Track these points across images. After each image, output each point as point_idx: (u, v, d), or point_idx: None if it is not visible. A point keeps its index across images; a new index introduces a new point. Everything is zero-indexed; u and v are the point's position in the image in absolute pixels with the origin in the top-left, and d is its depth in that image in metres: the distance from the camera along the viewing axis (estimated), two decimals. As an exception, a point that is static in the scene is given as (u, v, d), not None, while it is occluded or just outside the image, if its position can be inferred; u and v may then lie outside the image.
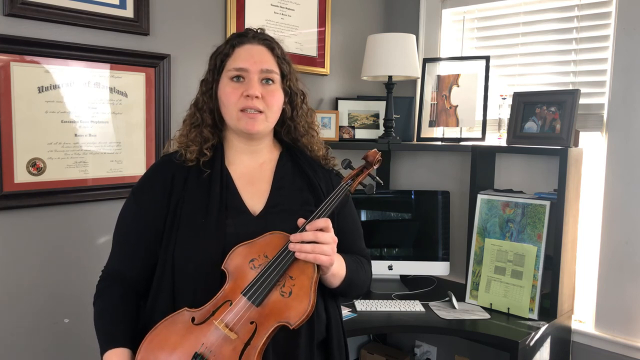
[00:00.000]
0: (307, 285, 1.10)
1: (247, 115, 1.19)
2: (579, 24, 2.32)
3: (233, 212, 1.19)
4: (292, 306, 1.09)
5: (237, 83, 1.21)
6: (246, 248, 1.14)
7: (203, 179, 1.21)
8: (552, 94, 2.27)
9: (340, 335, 1.30)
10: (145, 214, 1.21)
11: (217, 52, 1.25)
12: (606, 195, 2.19)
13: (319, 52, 2.61)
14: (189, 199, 1.19)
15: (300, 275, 1.12)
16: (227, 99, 1.21)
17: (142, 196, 1.24)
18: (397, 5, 2.90)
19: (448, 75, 2.62)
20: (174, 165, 1.23)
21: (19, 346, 1.75)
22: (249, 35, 1.25)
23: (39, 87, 1.73)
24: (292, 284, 1.11)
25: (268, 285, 1.10)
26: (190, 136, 1.23)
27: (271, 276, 1.11)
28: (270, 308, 1.10)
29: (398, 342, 2.88)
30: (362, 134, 2.69)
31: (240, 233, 1.16)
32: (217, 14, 2.21)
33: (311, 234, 1.12)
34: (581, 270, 2.29)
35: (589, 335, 2.24)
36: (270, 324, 1.09)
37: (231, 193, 1.22)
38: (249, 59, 1.21)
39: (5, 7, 1.65)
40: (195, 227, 1.17)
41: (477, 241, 2.30)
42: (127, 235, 1.24)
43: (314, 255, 1.11)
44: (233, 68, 1.21)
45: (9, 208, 1.69)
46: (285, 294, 1.10)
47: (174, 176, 1.22)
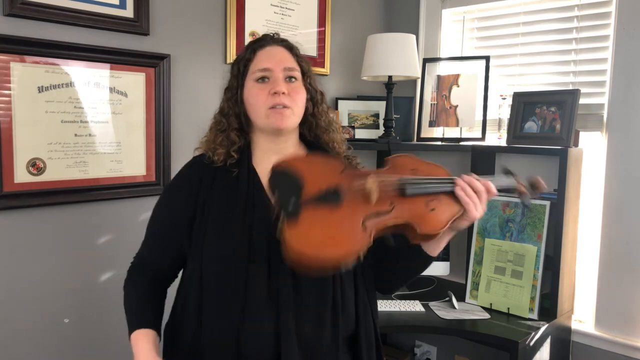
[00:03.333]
0: (446, 216, 1.14)
1: (275, 111, 1.23)
2: (579, 24, 2.32)
3: (260, 209, 1.22)
4: (428, 218, 1.12)
5: (263, 84, 1.24)
6: (414, 161, 1.24)
7: (231, 178, 1.24)
8: (552, 94, 2.27)
9: (370, 333, 1.28)
10: (173, 211, 1.27)
11: (239, 59, 1.30)
12: (606, 195, 2.19)
13: (319, 52, 2.61)
14: (216, 197, 1.23)
15: (446, 206, 1.15)
16: (255, 99, 1.24)
17: (172, 194, 1.31)
18: (397, 5, 2.90)
19: (448, 75, 2.62)
20: (203, 165, 1.27)
21: (19, 346, 1.75)
22: (268, 39, 1.31)
23: (39, 87, 1.73)
24: (437, 205, 1.15)
25: (422, 189, 1.15)
26: (217, 140, 1.27)
27: (428, 186, 1.16)
28: (412, 206, 1.13)
29: (398, 342, 2.88)
30: (362, 134, 2.69)
31: (267, 230, 1.17)
32: (217, 14, 2.21)
33: (482, 186, 1.17)
34: (581, 270, 2.29)
35: (589, 335, 2.24)
36: (404, 216, 1.11)
37: (258, 191, 1.24)
38: (271, 59, 1.26)
39: (5, 7, 1.65)
40: (222, 222, 1.20)
41: (477, 241, 2.30)
42: (156, 230, 1.31)
43: (471, 201, 1.15)
44: (257, 70, 1.25)
45: (9, 208, 1.69)
46: (428, 206, 1.14)
47: (202, 176, 1.25)
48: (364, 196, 1.11)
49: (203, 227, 1.21)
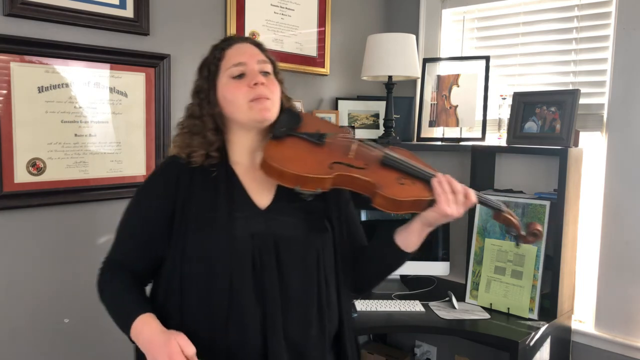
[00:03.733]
0: (412, 193, 1.21)
1: (257, 102, 1.22)
2: (579, 24, 2.32)
3: (241, 207, 1.22)
4: (394, 187, 1.21)
5: (239, 80, 1.23)
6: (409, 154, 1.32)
7: (209, 178, 1.22)
8: (552, 94, 2.27)
9: (352, 331, 1.32)
10: (151, 211, 1.24)
11: (207, 62, 1.27)
12: (606, 195, 2.19)
13: (319, 52, 2.61)
14: (196, 197, 1.21)
15: (417, 188, 1.22)
16: (234, 94, 1.22)
17: (148, 194, 1.27)
18: (397, 5, 2.90)
19: (448, 75, 2.62)
20: (180, 165, 1.25)
21: (18, 346, 1.75)
22: (234, 38, 1.31)
23: (39, 87, 1.73)
24: (408, 184, 1.23)
25: (398, 165, 1.25)
26: (195, 143, 1.24)
27: (407, 166, 1.25)
28: (384, 173, 1.23)
29: (398, 342, 2.88)
30: (362, 134, 2.69)
31: (249, 226, 1.19)
32: (217, 14, 2.21)
33: (461, 188, 1.22)
34: (581, 270, 2.29)
35: (589, 335, 2.24)
36: (372, 177, 1.20)
37: (238, 189, 1.24)
38: (244, 53, 1.25)
39: (5, 7, 1.65)
40: (204, 222, 1.19)
41: (477, 241, 2.30)
42: (132, 231, 1.26)
43: (444, 195, 1.19)
44: (232, 65, 1.23)
45: (9, 208, 1.69)
46: (399, 180, 1.23)
47: (180, 176, 1.23)
48: (344, 149, 1.27)
49: (183, 227, 1.19)
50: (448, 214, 1.20)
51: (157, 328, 1.13)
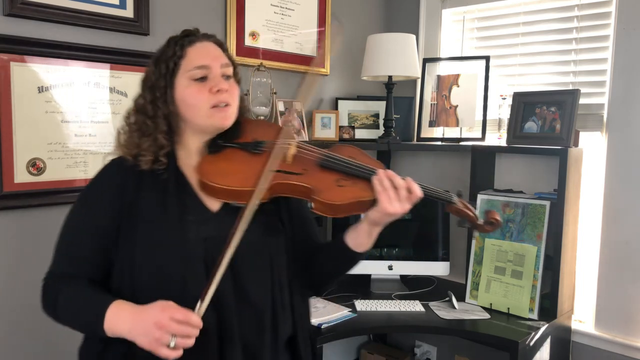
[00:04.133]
0: (351, 195, 1.17)
1: (218, 110, 1.18)
2: (579, 24, 2.32)
3: (192, 210, 1.19)
4: (331, 190, 1.18)
5: (201, 82, 1.18)
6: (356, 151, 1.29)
7: (157, 181, 1.18)
8: (552, 94, 2.26)
9: (306, 333, 1.31)
10: (99, 217, 1.17)
11: (166, 56, 1.19)
12: (606, 195, 2.19)
13: (319, 52, 2.61)
14: (144, 201, 1.16)
15: (357, 189, 1.19)
16: (195, 99, 1.17)
17: (92, 199, 1.21)
18: (397, 5, 2.90)
19: (448, 75, 2.62)
20: (126, 167, 1.19)
21: (18, 346, 1.75)
22: (198, 35, 1.24)
23: (39, 87, 1.73)
24: (348, 185, 1.20)
25: (338, 166, 1.22)
26: (144, 145, 1.17)
27: (347, 165, 1.22)
28: (322, 176, 1.21)
29: (398, 342, 2.88)
30: (362, 134, 2.69)
31: (201, 230, 1.16)
32: (217, 14, 2.21)
33: (403, 183, 1.17)
34: (581, 270, 2.29)
35: (589, 335, 2.24)
36: (310, 182, 1.18)
37: (188, 192, 1.21)
38: (207, 55, 1.20)
39: (5, 7, 1.65)
40: (153, 225, 1.14)
41: (477, 241, 2.30)
42: (79, 239, 1.19)
43: (385, 193, 1.16)
44: (194, 67, 1.18)
45: (9, 208, 1.69)
46: (338, 182, 1.20)
47: (125, 179, 1.18)
48: (282, 155, 1.22)
49: (132, 232, 1.14)
50: (391, 212, 1.16)
51: (134, 307, 1.09)
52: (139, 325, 1.06)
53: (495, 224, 1.27)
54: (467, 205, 1.27)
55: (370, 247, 1.25)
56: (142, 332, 1.06)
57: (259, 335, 1.18)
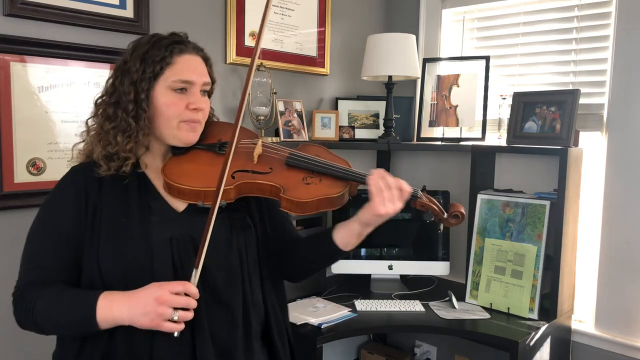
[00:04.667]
0: (319, 192, 1.18)
1: (187, 125, 1.19)
2: (579, 24, 2.32)
3: (156, 211, 1.18)
4: (298, 189, 1.19)
5: (180, 94, 1.18)
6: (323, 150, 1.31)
7: (119, 184, 1.17)
8: (552, 94, 2.26)
9: (281, 326, 1.31)
10: (59, 223, 1.16)
11: (154, 57, 1.16)
12: (606, 195, 2.19)
13: (319, 52, 2.61)
14: (106, 205, 1.15)
15: (324, 185, 1.21)
16: (169, 109, 1.17)
17: (55, 206, 1.19)
18: (397, 5, 2.90)
19: (448, 75, 2.62)
20: (87, 174, 1.17)
21: (17, 346, 1.75)
22: (189, 46, 1.22)
23: (39, 87, 1.73)
24: (315, 182, 1.21)
25: (304, 164, 1.23)
26: (126, 147, 1.15)
27: (312, 163, 1.23)
28: (289, 174, 1.22)
29: (398, 342, 2.88)
30: (362, 133, 2.69)
31: (166, 230, 1.16)
32: (217, 14, 2.21)
33: (395, 182, 1.17)
34: (581, 270, 2.29)
35: (589, 335, 2.24)
36: (276, 180, 1.20)
37: (151, 193, 1.20)
38: (194, 71, 1.19)
39: (5, 7, 1.65)
40: (118, 229, 1.13)
41: (477, 241, 2.30)
42: (45, 247, 1.16)
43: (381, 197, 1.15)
44: (178, 80, 1.17)
45: (9, 208, 1.69)
46: (305, 180, 1.22)
47: (87, 184, 1.17)
48: (247, 155, 1.25)
49: (95, 237, 1.13)
50: (383, 213, 1.15)
51: (127, 292, 1.07)
52: (137, 305, 1.06)
53: (460, 218, 1.27)
54: (431, 199, 1.28)
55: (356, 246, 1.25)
56: (142, 311, 1.05)
57: (230, 331, 1.18)
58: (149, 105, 1.17)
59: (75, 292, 1.13)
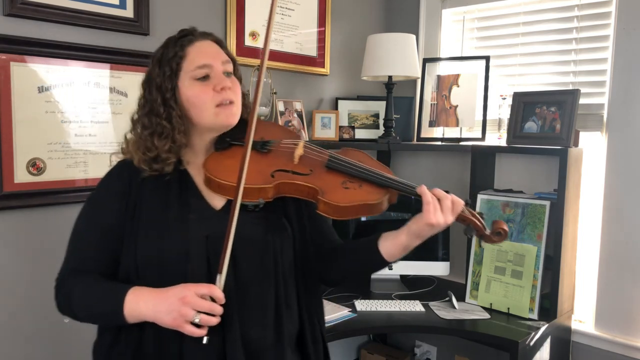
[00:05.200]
0: (356, 197, 1.16)
1: (223, 108, 1.19)
2: (579, 24, 2.32)
3: (194, 208, 1.19)
4: (336, 192, 1.17)
5: (204, 81, 1.19)
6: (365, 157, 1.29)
7: (161, 181, 1.19)
8: (552, 94, 2.26)
9: (316, 332, 1.29)
10: (101, 217, 1.19)
11: (168, 56, 1.19)
12: (606, 195, 2.19)
13: (319, 52, 2.61)
14: (147, 200, 1.18)
15: (363, 191, 1.18)
16: (199, 99, 1.18)
17: (98, 200, 1.23)
18: (397, 5, 2.90)
19: (448, 75, 2.62)
20: (130, 169, 1.20)
21: (18, 346, 1.75)
22: (196, 33, 1.23)
23: (39, 87, 1.73)
24: (354, 187, 1.19)
25: (345, 168, 1.22)
26: (163, 147, 1.17)
27: (353, 167, 1.21)
28: (328, 177, 1.20)
29: (398, 342, 2.88)
30: (362, 134, 2.69)
31: (202, 227, 1.16)
32: (217, 14, 2.21)
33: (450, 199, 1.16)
34: (581, 270, 2.29)
35: (589, 335, 2.24)
36: (315, 182, 1.18)
37: (191, 191, 1.21)
38: (208, 54, 1.20)
39: (5, 7, 1.65)
40: (156, 225, 1.16)
41: (477, 241, 2.29)
42: (90, 237, 1.20)
43: (433, 205, 1.13)
44: (196, 67, 1.18)
45: (9, 208, 1.69)
46: (344, 184, 1.20)
47: (131, 179, 1.20)
48: (289, 155, 1.24)
49: (135, 230, 1.16)
50: (434, 223, 1.14)
51: (155, 289, 1.09)
52: (162, 303, 1.07)
53: (503, 235, 1.22)
54: (474, 213, 1.24)
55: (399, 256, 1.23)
56: (166, 310, 1.06)
57: (262, 332, 1.18)
58: (176, 102, 1.19)
59: (107, 284, 1.15)
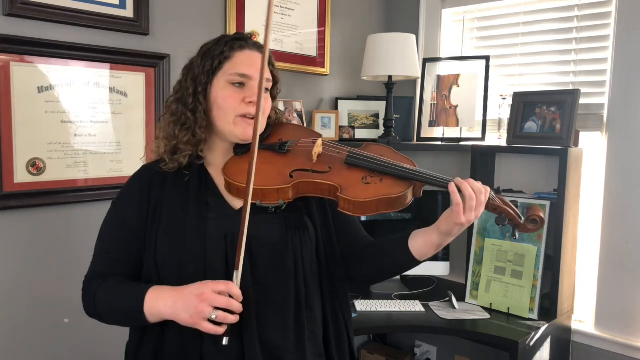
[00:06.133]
0: (377, 192, 1.12)
1: (244, 120, 1.19)
2: (579, 24, 2.32)
3: (214, 208, 1.20)
4: (356, 188, 1.14)
5: (238, 88, 1.19)
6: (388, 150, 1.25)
7: (181, 180, 1.20)
8: (552, 94, 2.27)
9: (342, 335, 1.27)
10: (126, 220, 1.21)
11: (214, 52, 1.21)
12: (606, 195, 2.19)
13: (319, 52, 2.61)
14: (168, 200, 1.19)
15: (384, 185, 1.14)
16: (226, 103, 1.18)
17: (122, 204, 1.24)
18: (397, 5, 2.90)
19: (448, 75, 2.62)
20: (153, 171, 1.22)
21: (18, 346, 1.75)
22: (249, 42, 1.23)
23: (39, 87, 1.73)
24: (375, 182, 1.15)
25: (364, 163, 1.18)
26: (183, 139, 1.19)
27: (372, 161, 1.17)
28: (348, 174, 1.17)
29: (398, 342, 2.88)
30: (362, 134, 2.69)
31: (221, 226, 1.16)
32: (217, 14, 2.21)
33: (484, 190, 1.10)
34: (581, 270, 2.29)
35: (589, 335, 2.24)
36: (334, 179, 1.15)
37: (211, 190, 1.22)
38: (252, 65, 1.19)
39: (5, 7, 1.65)
40: (176, 223, 1.16)
41: (477, 241, 2.30)
42: (113, 241, 1.22)
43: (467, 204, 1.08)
44: (236, 73, 1.18)
45: (9, 208, 1.69)
46: (365, 180, 1.16)
47: (152, 180, 1.21)
48: (307, 154, 1.22)
49: (155, 231, 1.17)
50: (463, 222, 1.09)
51: (175, 287, 1.10)
52: (180, 300, 1.07)
53: (539, 223, 1.15)
54: (505, 201, 1.16)
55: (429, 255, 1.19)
56: (184, 307, 1.06)
57: (281, 334, 1.16)
58: (206, 97, 1.20)
59: (130, 285, 1.17)
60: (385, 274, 1.36)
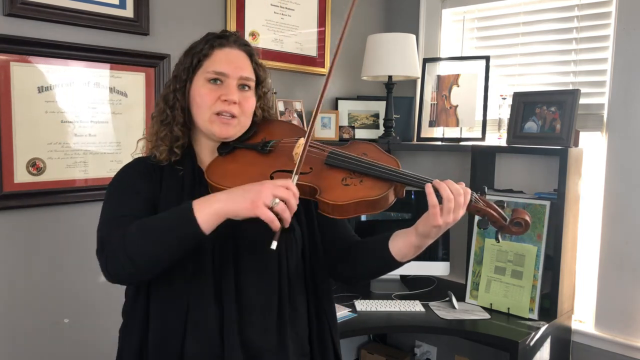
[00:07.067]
0: (356, 195, 1.09)
1: (220, 119, 1.18)
2: (579, 24, 2.32)
3: None
4: (335, 190, 1.11)
5: (214, 85, 1.19)
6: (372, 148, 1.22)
7: (177, 177, 1.20)
8: (552, 94, 2.26)
9: (325, 335, 1.26)
10: (141, 190, 1.17)
11: (194, 50, 1.22)
12: (606, 195, 2.19)
13: (319, 52, 2.61)
14: (163, 197, 1.18)
15: (364, 187, 1.11)
16: (202, 100, 1.18)
17: (124, 185, 1.19)
18: (397, 5, 2.90)
19: (448, 75, 2.62)
20: (149, 164, 1.21)
21: (19, 346, 1.75)
22: (230, 39, 1.23)
23: (39, 87, 1.73)
24: (354, 183, 1.12)
25: (344, 163, 1.15)
26: (161, 134, 1.20)
27: (352, 162, 1.14)
28: (328, 176, 1.14)
29: (398, 342, 2.88)
30: (362, 134, 2.69)
31: None
32: (217, 14, 2.21)
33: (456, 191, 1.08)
34: (581, 270, 2.29)
35: (589, 335, 2.24)
36: (314, 181, 1.13)
37: (203, 190, 1.20)
38: (229, 63, 1.20)
39: (5, 7, 1.65)
40: None
41: (477, 241, 2.30)
42: (122, 200, 1.16)
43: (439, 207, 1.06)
44: (212, 70, 1.19)
45: (9, 208, 1.69)
46: (345, 181, 1.13)
47: (151, 173, 1.20)
48: (288, 154, 1.19)
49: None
50: (440, 225, 1.08)
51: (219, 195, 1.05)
52: (239, 189, 1.03)
53: (523, 226, 1.11)
54: (489, 203, 1.13)
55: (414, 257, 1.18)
56: (242, 193, 1.02)
57: (263, 337, 1.16)
58: (184, 95, 1.21)
59: (163, 213, 1.09)
60: (370, 274, 1.34)
